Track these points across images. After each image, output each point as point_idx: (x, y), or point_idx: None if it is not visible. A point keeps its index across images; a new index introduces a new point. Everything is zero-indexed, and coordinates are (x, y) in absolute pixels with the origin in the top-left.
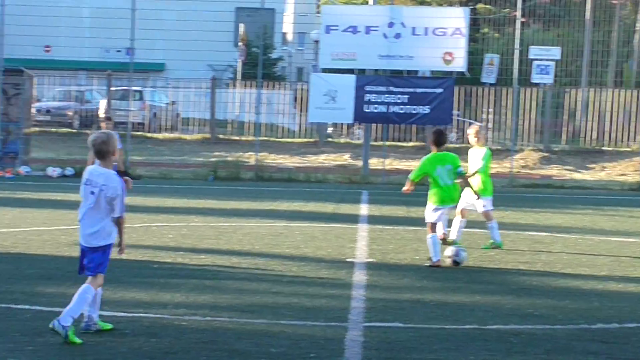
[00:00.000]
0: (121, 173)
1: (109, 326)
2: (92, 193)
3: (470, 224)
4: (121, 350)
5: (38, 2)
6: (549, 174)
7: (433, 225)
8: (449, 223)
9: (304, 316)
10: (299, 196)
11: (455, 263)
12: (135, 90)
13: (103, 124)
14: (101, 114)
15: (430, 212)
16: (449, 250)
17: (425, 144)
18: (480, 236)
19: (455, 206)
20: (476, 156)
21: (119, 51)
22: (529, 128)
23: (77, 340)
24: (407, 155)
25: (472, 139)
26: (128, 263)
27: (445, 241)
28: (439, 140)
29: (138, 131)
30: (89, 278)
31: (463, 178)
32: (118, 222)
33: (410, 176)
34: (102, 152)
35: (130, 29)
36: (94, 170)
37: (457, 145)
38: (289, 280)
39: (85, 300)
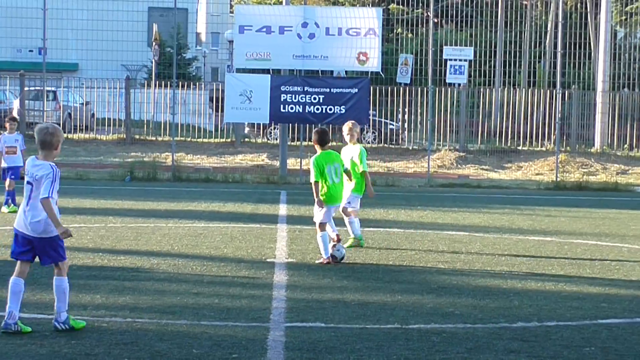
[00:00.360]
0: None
1: (28, 329)
2: (29, 183)
3: (396, 225)
4: (41, 352)
5: None
6: (465, 174)
7: (322, 225)
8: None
9: (226, 317)
10: (217, 197)
11: (334, 258)
12: (49, 91)
13: (7, 125)
14: (15, 114)
15: (317, 211)
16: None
17: (341, 144)
18: (400, 235)
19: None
20: (349, 154)
21: (31, 51)
22: (444, 128)
23: (80, 323)
24: None
25: (345, 136)
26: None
27: (338, 241)
28: (324, 139)
29: None
30: (55, 270)
31: (348, 175)
32: (43, 204)
33: (314, 179)
34: (46, 143)
35: (43, 28)
36: (31, 161)
37: (374, 145)
38: (210, 280)
39: (65, 291)
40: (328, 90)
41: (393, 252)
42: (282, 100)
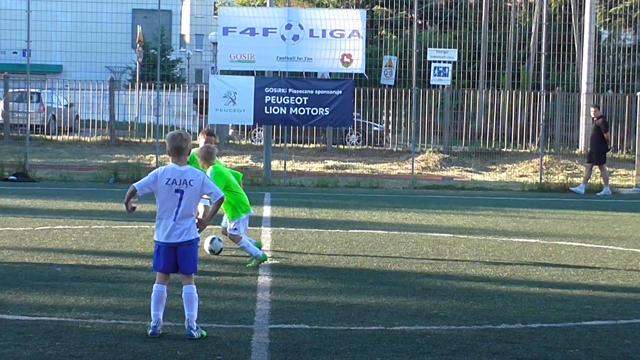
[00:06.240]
0: (19, 175)
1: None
2: (178, 191)
3: (380, 227)
4: (25, 354)
5: None
6: (450, 176)
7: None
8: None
9: (210, 318)
10: None
11: (211, 251)
12: (33, 92)
13: None
14: None
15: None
16: (207, 241)
17: (325, 145)
18: (383, 237)
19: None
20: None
21: (15, 53)
22: (429, 130)
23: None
24: (308, 157)
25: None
26: (31, 266)
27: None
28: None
29: (37, 134)
30: (186, 278)
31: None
32: (219, 202)
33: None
34: (182, 149)
35: (26, 30)
36: (174, 169)
37: (358, 147)
38: None
39: (197, 299)
40: (312, 92)
41: (377, 253)
42: (266, 102)
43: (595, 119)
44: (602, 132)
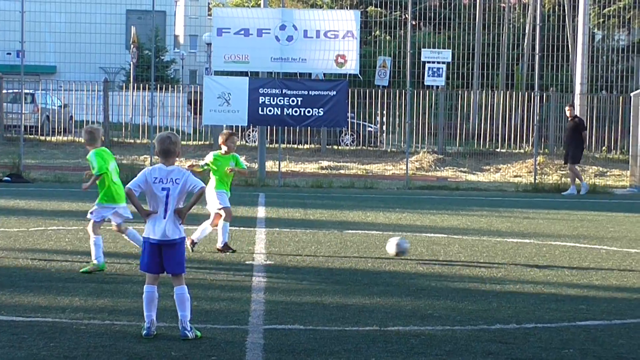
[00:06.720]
0: (13, 175)
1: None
2: (164, 190)
3: (374, 227)
4: (19, 355)
5: None
6: (444, 176)
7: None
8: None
9: (204, 319)
10: None
11: (400, 253)
12: (27, 93)
13: None
14: None
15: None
16: (393, 246)
17: (320, 146)
18: (378, 237)
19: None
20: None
21: (9, 54)
22: (423, 130)
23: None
24: (302, 158)
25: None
26: (25, 267)
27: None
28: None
29: (31, 134)
30: (175, 279)
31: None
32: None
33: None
34: (170, 152)
35: (20, 31)
36: (161, 168)
37: (353, 148)
38: (188, 283)
39: (189, 299)
40: (306, 92)
41: (371, 254)
42: (260, 102)
43: (570, 118)
44: (580, 130)
